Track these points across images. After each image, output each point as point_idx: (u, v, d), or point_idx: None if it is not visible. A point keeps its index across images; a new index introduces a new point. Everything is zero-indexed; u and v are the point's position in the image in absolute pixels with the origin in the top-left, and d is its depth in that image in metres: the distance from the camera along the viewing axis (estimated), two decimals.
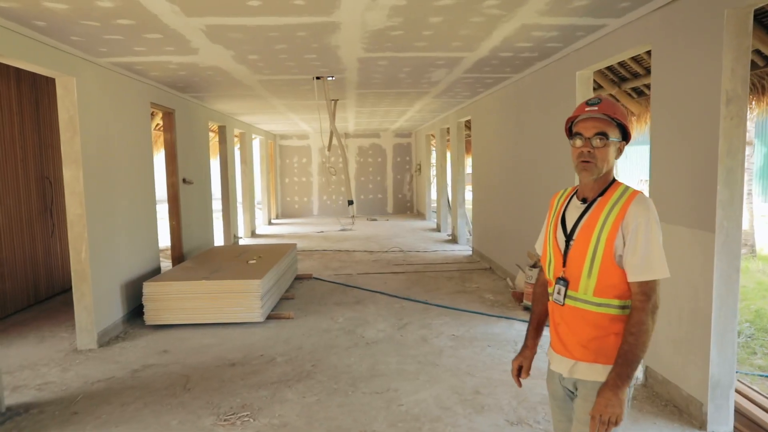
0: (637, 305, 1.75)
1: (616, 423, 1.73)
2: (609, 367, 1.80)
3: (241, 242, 10.95)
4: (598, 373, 1.83)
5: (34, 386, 4.06)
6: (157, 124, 9.27)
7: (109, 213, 5.20)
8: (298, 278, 7.55)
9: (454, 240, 10.70)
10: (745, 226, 9.23)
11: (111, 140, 5.28)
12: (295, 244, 7.60)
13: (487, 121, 8.06)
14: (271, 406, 3.65)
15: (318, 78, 6.16)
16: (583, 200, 1.90)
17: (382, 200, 16.32)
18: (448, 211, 11.98)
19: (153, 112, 8.02)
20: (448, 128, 11.02)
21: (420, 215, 15.60)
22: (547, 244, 1.99)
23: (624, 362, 1.74)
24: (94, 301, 4.86)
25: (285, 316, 5.67)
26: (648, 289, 1.75)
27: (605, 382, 1.76)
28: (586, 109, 1.87)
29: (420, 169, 15.20)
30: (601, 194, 1.86)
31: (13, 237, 6.07)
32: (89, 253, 4.78)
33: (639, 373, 4.06)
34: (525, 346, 2.14)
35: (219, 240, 10.57)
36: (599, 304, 1.81)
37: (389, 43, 4.49)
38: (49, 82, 6.61)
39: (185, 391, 3.93)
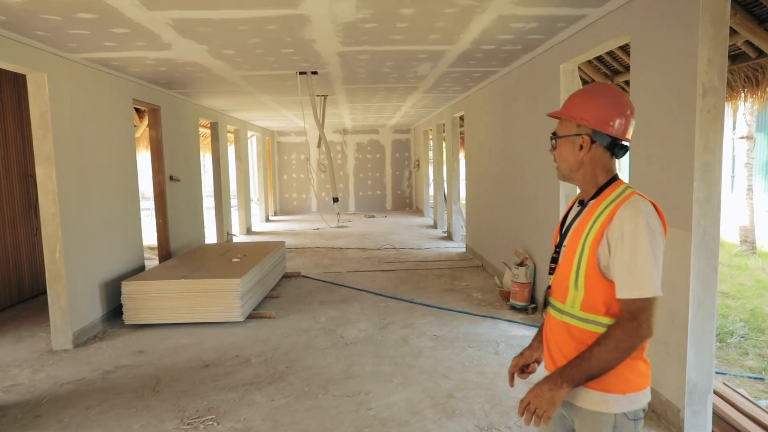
0: (620, 321, 1.52)
1: (540, 417, 1.53)
2: (605, 396, 1.56)
3: (236, 240, 10.89)
4: (590, 400, 1.58)
5: (1, 388, 3.99)
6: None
7: (86, 211, 5.12)
8: (287, 276, 7.46)
9: (449, 237, 10.57)
10: (746, 222, 9.03)
11: (88, 137, 5.20)
12: (283, 242, 7.51)
13: (478, 116, 7.92)
14: (238, 410, 3.56)
15: (302, 73, 6.05)
16: (581, 203, 1.73)
17: (381, 197, 16.20)
18: (446, 208, 11.85)
19: (144, 109, 7.96)
20: (445, 124, 10.88)
21: (419, 212, 15.48)
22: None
23: (577, 365, 1.53)
24: (70, 301, 4.79)
25: (266, 315, 5.58)
26: (635, 309, 1.49)
27: (549, 375, 1.57)
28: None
29: (418, 165, 15.06)
30: (595, 196, 1.65)
31: None
32: (64, 253, 4.71)
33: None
34: (529, 346, 1.90)
35: (212, 237, 10.52)
36: (586, 320, 1.59)
37: (365, 36, 4.37)
38: None
39: (154, 393, 3.85)
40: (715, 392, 3.51)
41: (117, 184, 5.79)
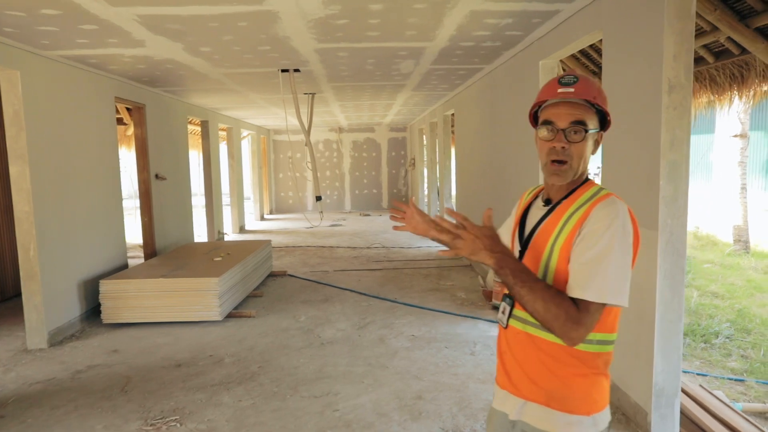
0: (575, 307, 1.32)
1: (448, 245, 1.35)
2: (569, 417, 1.41)
3: (227, 238, 10.87)
4: (552, 421, 1.42)
5: None
6: None
7: (63, 210, 5.09)
8: (273, 275, 7.42)
9: None
10: (739, 221, 8.94)
11: (66, 135, 5.16)
12: (269, 241, 7.47)
13: (467, 114, 7.86)
14: (204, 410, 3.52)
15: (284, 71, 6.00)
16: (547, 201, 1.54)
17: (377, 195, 16.15)
18: (438, 206, 11.78)
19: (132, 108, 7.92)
20: (437, 122, 10.82)
21: None
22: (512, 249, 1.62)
23: (518, 270, 1.33)
24: (45, 300, 4.76)
25: (246, 314, 5.54)
26: (585, 308, 1.32)
27: (500, 247, 1.35)
28: (559, 90, 1.44)
29: (414, 163, 15.00)
30: (567, 196, 1.48)
31: None
32: (38, 251, 4.68)
33: None
34: None
35: (202, 236, 10.50)
36: None
37: (339, 32, 4.31)
38: None
39: (122, 393, 3.82)
40: (689, 395, 3.45)
41: (98, 182, 5.76)
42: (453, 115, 9.32)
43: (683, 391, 3.47)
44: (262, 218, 14.52)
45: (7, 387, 3.96)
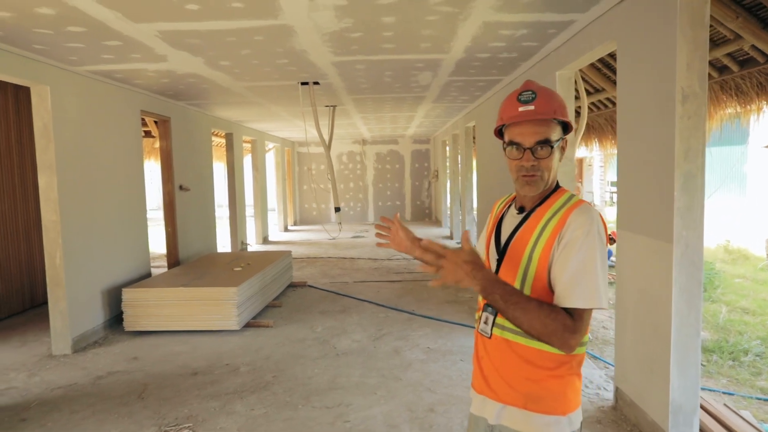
0: (567, 316, 1.36)
1: (443, 276, 1.35)
2: (547, 418, 1.45)
3: (250, 249, 11.01)
4: (530, 423, 1.46)
5: None
6: None
7: (89, 219, 5.25)
8: (292, 285, 7.48)
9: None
10: None
11: (93, 147, 5.34)
12: (289, 252, 7.54)
13: (487, 125, 7.83)
14: (217, 418, 3.55)
15: (304, 84, 6.10)
16: (521, 209, 1.58)
17: (400, 207, 16.15)
18: (460, 217, 11.72)
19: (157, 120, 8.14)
20: (458, 134, 10.80)
21: (437, 222, 15.36)
22: (488, 259, 1.66)
23: (504, 291, 1.34)
24: (70, 307, 4.90)
25: (264, 324, 5.59)
26: (579, 315, 1.38)
27: (482, 269, 1.35)
28: (520, 109, 1.48)
29: (437, 175, 14.98)
30: (541, 203, 1.53)
31: (8, 243, 6.23)
32: (64, 259, 4.83)
33: (609, 394, 3.78)
34: None
35: (225, 247, 10.67)
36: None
37: (355, 45, 4.37)
38: None
39: (139, 399, 3.89)
40: (711, 414, 3.33)
41: (123, 192, 5.93)
42: (474, 126, 9.30)
43: (705, 410, 3.35)
44: (286, 229, 14.67)
45: (31, 391, 4.08)
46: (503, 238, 1.59)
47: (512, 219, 1.60)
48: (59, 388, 4.12)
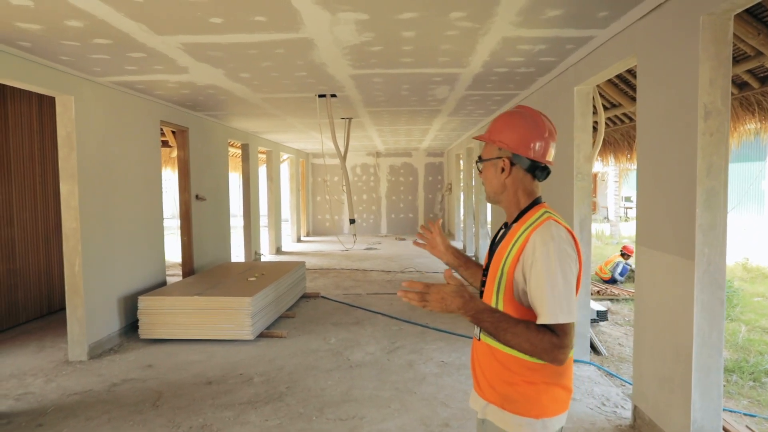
0: (551, 332, 1.46)
1: (421, 303, 1.46)
2: (520, 419, 1.57)
3: (264, 259, 11.05)
4: (506, 422, 1.60)
5: (14, 396, 4.14)
6: None
7: (107, 227, 5.32)
8: (306, 296, 7.49)
9: (476, 260, 10.38)
10: None
11: (113, 156, 5.42)
12: (303, 263, 7.56)
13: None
14: (231, 428, 3.55)
15: (321, 96, 6.16)
16: (505, 225, 1.73)
17: (413, 220, 16.15)
18: (474, 230, 11.68)
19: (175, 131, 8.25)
20: (473, 148, 10.80)
21: (451, 235, 15.31)
22: None
23: (493, 318, 1.46)
24: (87, 314, 4.95)
25: (277, 334, 5.60)
26: (562, 331, 1.47)
27: (467, 295, 1.46)
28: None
29: (450, 188, 14.97)
30: (517, 219, 1.66)
31: (28, 250, 6.32)
32: (83, 267, 4.89)
33: (627, 412, 3.72)
34: (464, 261, 1.99)
35: (239, 256, 10.72)
36: None
37: (374, 59, 4.41)
38: None
39: (153, 408, 3.90)
40: None
41: (141, 202, 6.00)
42: None
43: (726, 431, 3.28)
44: (299, 240, 14.72)
45: (48, 397, 4.11)
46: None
47: (501, 232, 1.75)
48: (75, 394, 4.15)
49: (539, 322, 1.48)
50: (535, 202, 1.65)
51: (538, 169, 1.64)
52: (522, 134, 1.63)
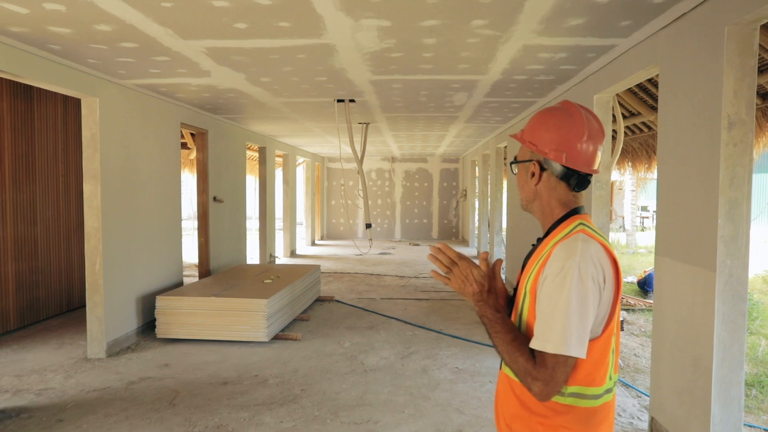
0: (540, 360, 1.27)
1: (444, 276, 1.43)
2: None
3: (278, 262, 11.12)
4: None
5: (34, 391, 4.22)
6: None
7: (128, 228, 5.40)
8: (320, 300, 7.52)
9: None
10: None
11: (135, 157, 5.52)
12: (318, 266, 7.60)
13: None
14: (246, 429, 3.58)
15: (340, 101, 6.20)
16: (538, 240, 1.50)
17: (428, 225, 16.15)
18: (489, 237, 11.64)
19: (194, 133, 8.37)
20: (489, 154, 10.79)
21: (464, 242, 15.29)
22: None
23: (504, 328, 1.33)
24: (106, 312, 5.03)
25: (292, 337, 5.63)
26: (542, 360, 1.25)
27: (489, 296, 1.39)
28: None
29: (465, 194, 14.95)
30: (547, 234, 1.44)
31: (50, 248, 6.44)
32: (103, 265, 4.97)
33: (643, 424, 3.68)
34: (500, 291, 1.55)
35: (254, 258, 10.80)
36: None
37: (394, 65, 4.44)
38: None
39: (170, 406, 3.95)
40: None
41: (160, 203, 6.09)
42: (506, 147, 9.28)
43: None
44: (313, 243, 14.78)
45: (67, 393, 4.18)
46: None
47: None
48: (94, 391, 4.22)
49: (530, 344, 1.29)
50: (571, 213, 1.41)
51: (574, 178, 1.39)
52: (555, 135, 1.38)
